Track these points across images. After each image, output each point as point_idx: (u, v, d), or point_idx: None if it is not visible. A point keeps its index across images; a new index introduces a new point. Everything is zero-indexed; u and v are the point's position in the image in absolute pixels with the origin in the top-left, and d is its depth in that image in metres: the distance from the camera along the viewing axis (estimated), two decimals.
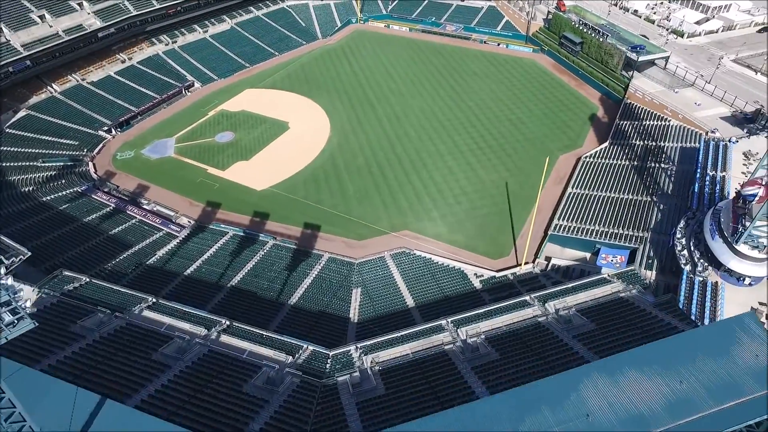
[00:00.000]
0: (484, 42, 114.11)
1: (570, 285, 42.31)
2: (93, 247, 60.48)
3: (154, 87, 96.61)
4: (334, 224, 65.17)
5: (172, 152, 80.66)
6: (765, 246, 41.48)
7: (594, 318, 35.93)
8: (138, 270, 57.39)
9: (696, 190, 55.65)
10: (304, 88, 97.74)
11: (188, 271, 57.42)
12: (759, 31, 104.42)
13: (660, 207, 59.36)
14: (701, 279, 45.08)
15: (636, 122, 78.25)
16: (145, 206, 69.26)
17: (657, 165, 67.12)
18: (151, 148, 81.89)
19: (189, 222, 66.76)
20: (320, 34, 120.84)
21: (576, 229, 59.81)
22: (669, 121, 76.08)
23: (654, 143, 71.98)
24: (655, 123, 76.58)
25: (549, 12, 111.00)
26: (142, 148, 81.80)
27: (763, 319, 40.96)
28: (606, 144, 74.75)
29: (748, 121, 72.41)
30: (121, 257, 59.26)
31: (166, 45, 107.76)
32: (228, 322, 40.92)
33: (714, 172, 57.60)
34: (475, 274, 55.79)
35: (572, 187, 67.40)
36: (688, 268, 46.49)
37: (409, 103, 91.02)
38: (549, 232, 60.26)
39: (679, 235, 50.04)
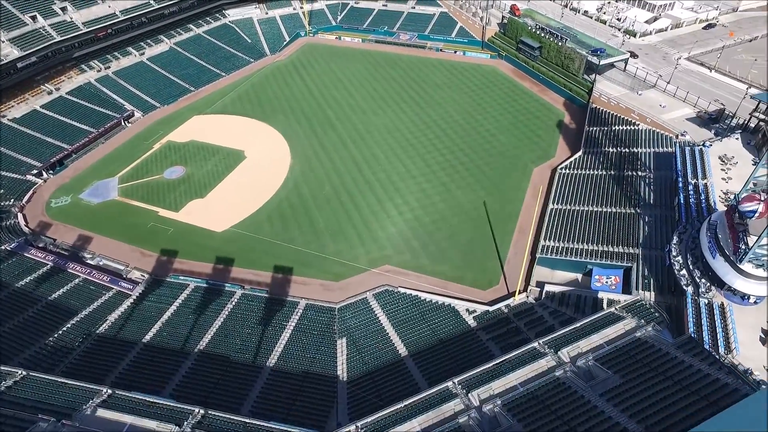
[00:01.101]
0: (441, 50, 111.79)
1: (579, 325, 39.38)
2: (30, 318, 52.68)
3: (89, 120, 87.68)
4: (307, 265, 60.03)
5: (115, 194, 72.79)
6: None
7: (617, 368, 32.99)
8: (87, 342, 50.24)
9: (681, 201, 54.59)
10: (258, 111, 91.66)
11: (147, 337, 50.75)
12: (704, 28, 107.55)
13: (646, 219, 58.05)
14: (706, 301, 43.49)
15: (605, 128, 77.59)
16: (89, 262, 61.59)
17: (634, 173, 66.20)
18: (91, 191, 73.64)
19: (143, 276, 59.73)
20: (268, 50, 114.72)
21: (564, 250, 57.54)
22: (638, 125, 75.80)
23: (627, 149, 71.27)
24: (625, 128, 76.14)
25: (504, 17, 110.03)
26: (80, 192, 73.39)
27: None
28: (579, 153, 73.47)
29: (713, 121, 73.08)
30: (65, 328, 51.84)
31: (99, 71, 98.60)
32: (202, 412, 35.20)
33: (695, 180, 56.84)
34: (467, 310, 52.27)
35: (553, 203, 65.38)
36: (690, 289, 44.82)
37: (372, 121, 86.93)
38: (537, 255, 57.73)
39: (674, 253, 48.47)
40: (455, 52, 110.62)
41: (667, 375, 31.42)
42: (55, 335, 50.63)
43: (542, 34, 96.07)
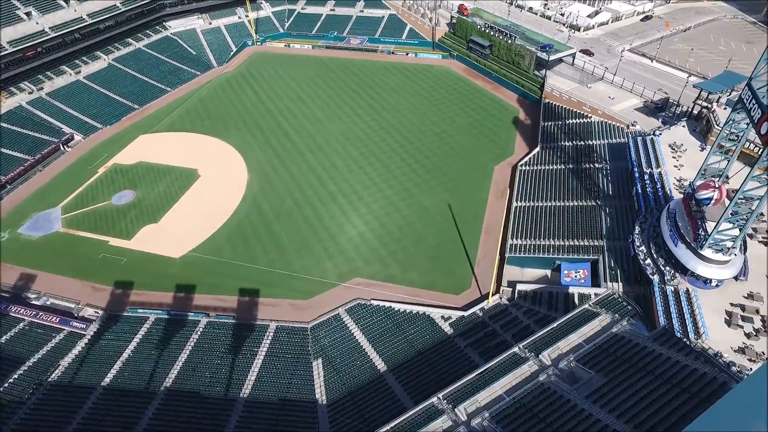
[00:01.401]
0: (392, 53, 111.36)
1: (556, 325, 39.41)
2: None
3: (23, 147, 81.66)
4: (274, 285, 57.88)
5: (59, 226, 67.97)
6: (729, 248, 41.67)
7: (598, 368, 33.04)
8: (39, 393, 46.30)
9: (639, 191, 56.14)
10: (209, 126, 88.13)
11: (106, 380, 47.35)
12: (642, 20, 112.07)
13: (607, 211, 59.39)
14: (672, 288, 44.67)
15: (560, 122, 79.21)
16: (34, 302, 57.06)
17: (591, 165, 67.74)
18: (31, 225, 68.48)
19: (96, 313, 55.86)
20: (215, 62, 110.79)
21: (532, 247, 58.05)
22: (590, 117, 77.79)
23: (582, 142, 72.92)
24: (578, 121, 77.97)
25: (452, 17, 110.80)
26: (18, 227, 68.07)
27: (740, 321, 41.05)
28: (537, 149, 74.59)
29: (659, 110, 75.99)
30: (11, 379, 47.69)
31: (31, 93, 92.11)
32: None
33: (650, 169, 58.64)
34: (443, 317, 51.74)
35: (516, 200, 65.99)
36: (656, 278, 45.97)
37: (329, 129, 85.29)
38: (506, 255, 57.95)
39: (638, 243, 49.66)
40: (407, 54, 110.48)
41: (648, 370, 31.67)
42: (1, 388, 46.36)
43: (492, 33, 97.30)
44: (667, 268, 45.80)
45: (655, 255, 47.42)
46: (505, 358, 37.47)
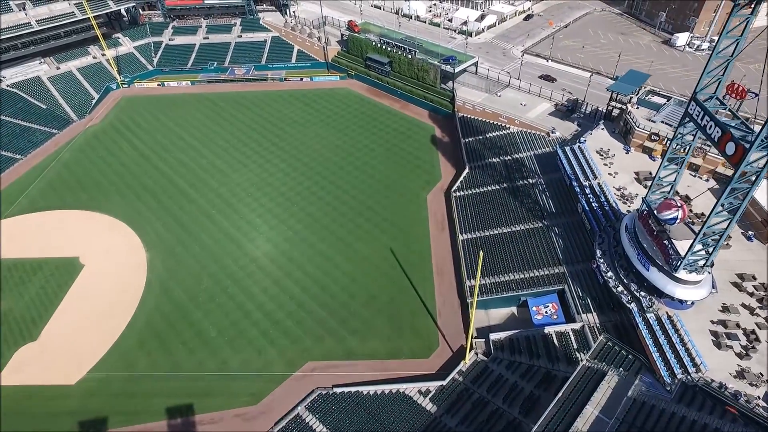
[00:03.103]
0: (285, 79, 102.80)
1: (561, 394, 35.29)
2: None
3: None
4: (210, 393, 47.71)
5: None
6: (703, 267, 40.76)
7: None
8: None
9: (585, 207, 54.89)
10: (83, 198, 73.06)
11: None
12: (524, 19, 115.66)
13: (556, 231, 57.55)
14: (653, 315, 43.10)
15: (480, 136, 77.17)
16: None
17: (525, 181, 66.04)
18: None
19: None
20: (74, 115, 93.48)
21: (492, 287, 54.29)
22: (509, 128, 76.69)
23: (509, 156, 71.25)
24: (498, 133, 76.48)
25: (342, 34, 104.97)
26: None
27: (727, 341, 40.31)
28: (466, 170, 71.53)
29: (570, 112, 77.05)
30: None
31: None
32: None
33: (588, 182, 57.86)
34: (420, 392, 45.67)
35: (461, 232, 62.11)
36: (634, 306, 44.22)
37: (235, 180, 74.99)
38: (468, 300, 53.54)
39: (603, 268, 47.85)
40: (301, 79, 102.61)
41: None
42: None
43: (389, 49, 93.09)
44: (642, 293, 44.23)
45: (625, 280, 45.73)
46: None
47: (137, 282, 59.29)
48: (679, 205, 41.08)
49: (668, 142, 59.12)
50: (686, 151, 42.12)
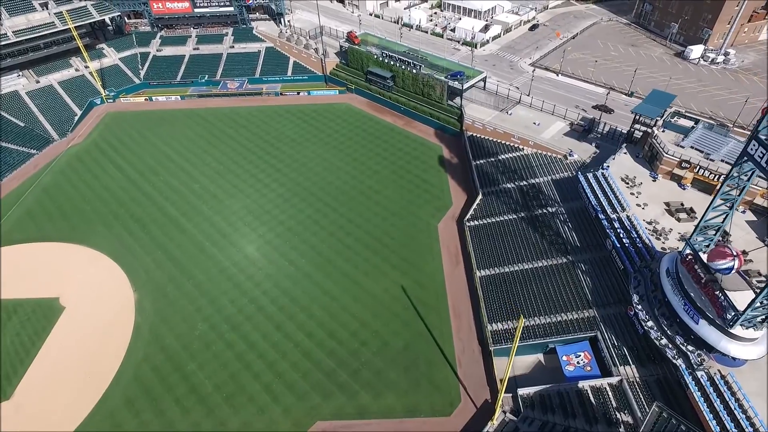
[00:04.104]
0: (280, 93, 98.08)
1: None
2: None
3: None
4: None
5: None
6: (762, 322, 36.90)
7: None
8: None
9: (616, 243, 50.85)
10: (64, 228, 67.72)
11: None
12: (530, 29, 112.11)
13: (582, 268, 53.51)
14: (704, 374, 39.14)
15: (492, 158, 73.11)
16: None
17: (544, 210, 62.02)
18: None
19: None
20: (55, 134, 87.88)
21: (515, 332, 49.93)
22: (522, 149, 72.71)
23: (524, 182, 67.23)
24: (511, 155, 72.45)
25: (341, 46, 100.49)
26: None
27: None
28: (479, 197, 67.37)
29: (586, 132, 73.29)
30: None
31: None
32: None
33: (616, 214, 53.88)
34: None
35: (478, 268, 57.88)
36: (681, 362, 40.23)
37: (230, 207, 70.11)
38: (489, 348, 49.27)
39: (643, 316, 43.85)
40: (298, 93, 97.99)
41: None
42: None
43: (392, 62, 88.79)
44: (689, 347, 40.25)
45: (669, 331, 41.75)
46: None
47: (124, 327, 54.20)
48: (735, 253, 37.09)
49: (702, 170, 56.19)
50: (740, 192, 38.24)
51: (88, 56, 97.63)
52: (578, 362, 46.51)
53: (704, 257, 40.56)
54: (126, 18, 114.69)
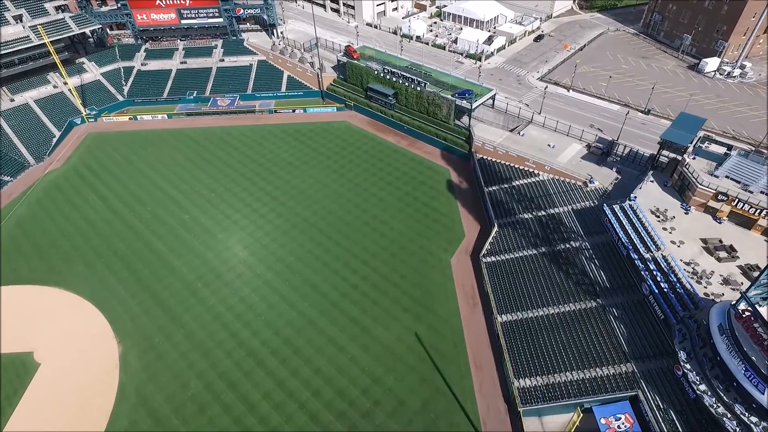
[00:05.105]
0: (275, 111, 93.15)
1: None
2: None
3: None
4: None
5: None
6: None
7: None
8: None
9: (654, 289, 46.66)
10: (40, 267, 62.21)
11: None
12: (535, 40, 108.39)
13: (615, 313, 49.29)
14: None
15: (505, 185, 68.84)
16: None
17: (567, 245, 57.78)
18: None
19: None
20: (31, 158, 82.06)
21: (545, 389, 45.67)
22: (538, 174, 68.55)
23: (543, 212, 63.02)
24: (526, 181, 68.27)
25: (339, 60, 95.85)
26: None
27: None
28: (495, 229, 63.01)
29: (605, 155, 69.41)
30: None
31: None
32: None
33: (650, 253, 49.70)
34: None
35: (499, 313, 53.45)
36: None
37: (223, 242, 65.01)
38: (518, 409, 44.76)
39: (693, 378, 39.66)
40: (293, 110, 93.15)
41: None
42: None
43: (394, 79, 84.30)
44: (752, 417, 36.07)
45: (726, 397, 37.55)
46: None
47: (107, 388, 48.93)
48: None
49: (740, 204, 52.33)
50: None
51: (66, 73, 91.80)
52: (619, 426, 42.21)
53: (764, 312, 36.66)
54: (108, 29, 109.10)
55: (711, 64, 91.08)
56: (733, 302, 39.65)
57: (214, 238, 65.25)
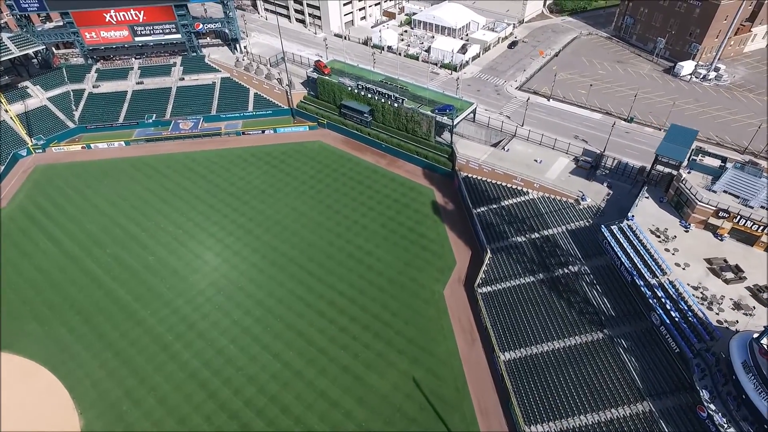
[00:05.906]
0: (242, 133, 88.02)
1: None
2: None
3: None
4: None
5: None
6: None
7: None
8: None
9: (666, 320, 44.31)
10: None
11: None
12: (509, 47, 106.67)
13: (624, 345, 46.80)
14: None
15: (494, 205, 66.10)
16: None
17: (564, 269, 55.26)
18: None
19: None
20: None
21: None
22: (527, 193, 66.08)
23: (537, 234, 60.41)
24: (515, 200, 65.69)
25: (308, 75, 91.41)
26: None
27: None
28: (488, 255, 60.01)
29: (594, 168, 67.52)
30: None
31: None
32: None
33: (656, 279, 47.56)
34: None
35: (501, 350, 50.33)
36: None
37: (193, 285, 59.80)
38: None
39: (719, 420, 37.29)
40: (263, 131, 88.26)
41: None
42: None
43: (369, 95, 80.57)
44: None
45: None
46: None
47: None
48: None
49: (742, 220, 50.82)
50: None
51: (5, 99, 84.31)
52: None
53: None
54: (54, 48, 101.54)
55: (686, 67, 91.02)
56: (755, 335, 37.54)
57: (184, 282, 59.92)
